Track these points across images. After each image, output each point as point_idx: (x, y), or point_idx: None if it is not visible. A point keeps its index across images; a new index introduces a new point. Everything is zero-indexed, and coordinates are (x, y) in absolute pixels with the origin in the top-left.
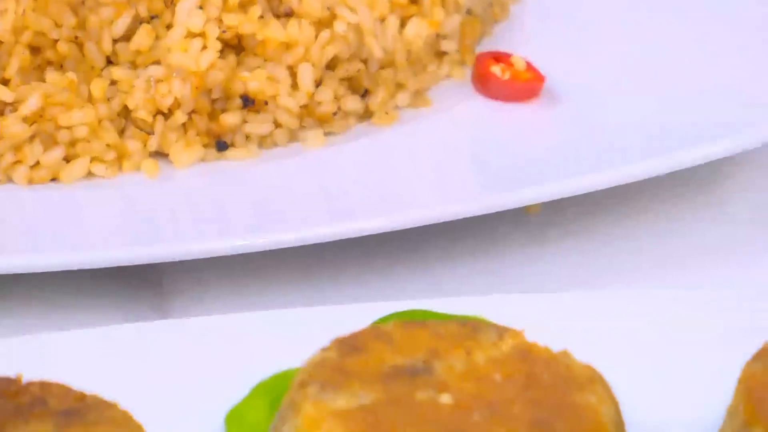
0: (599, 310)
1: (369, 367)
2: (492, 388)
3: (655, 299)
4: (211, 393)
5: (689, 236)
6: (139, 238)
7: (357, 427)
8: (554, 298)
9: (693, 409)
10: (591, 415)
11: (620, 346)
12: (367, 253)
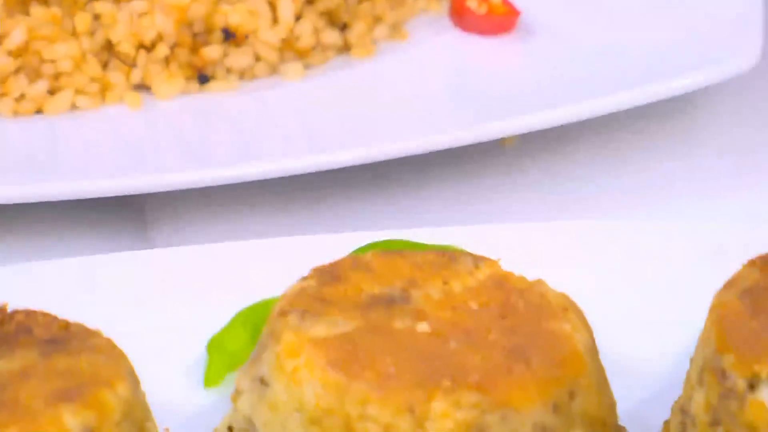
0: (573, 239)
1: (347, 296)
2: (468, 317)
3: (628, 229)
4: (193, 321)
5: (661, 167)
6: (122, 169)
7: (336, 355)
8: (529, 228)
9: (665, 338)
10: (565, 343)
11: (594, 276)
12: (345, 184)
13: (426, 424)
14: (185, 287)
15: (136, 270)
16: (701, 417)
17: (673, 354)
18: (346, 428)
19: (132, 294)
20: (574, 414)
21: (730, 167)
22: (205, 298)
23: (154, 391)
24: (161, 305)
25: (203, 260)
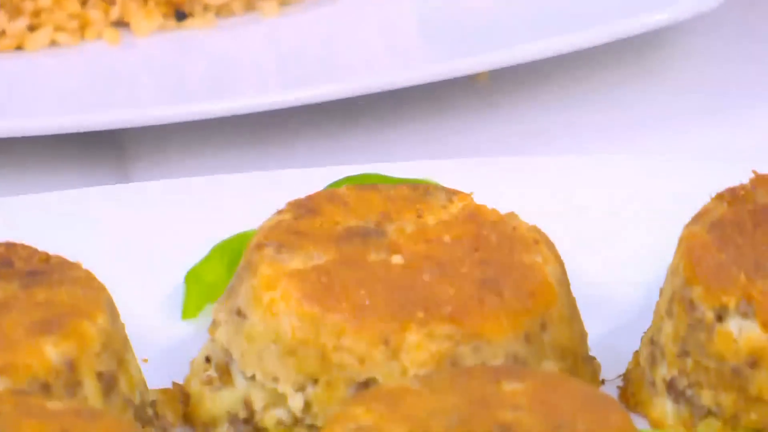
0: (545, 173)
1: (323, 229)
2: (441, 249)
3: (599, 164)
4: (171, 254)
5: (632, 103)
6: (101, 105)
7: (311, 287)
8: (501, 162)
9: (635, 270)
10: (537, 275)
11: (565, 209)
12: (321, 119)
13: (400, 355)
14: (163, 221)
15: (115, 204)
16: (670, 347)
17: (643, 286)
18: (322, 359)
19: (111, 227)
20: (546, 344)
21: (700, 103)
22: (183, 231)
23: (133, 323)
24: (140, 238)
25: (181, 194)
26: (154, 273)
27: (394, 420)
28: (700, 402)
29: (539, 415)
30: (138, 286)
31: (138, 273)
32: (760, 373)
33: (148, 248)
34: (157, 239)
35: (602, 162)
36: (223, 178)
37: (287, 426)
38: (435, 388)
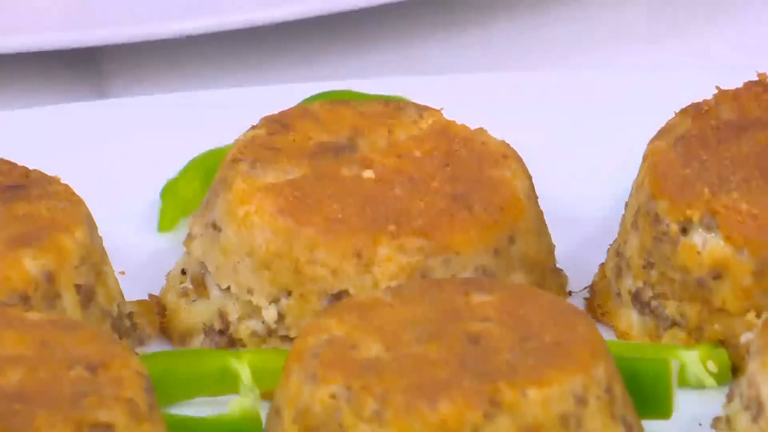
0: (513, 89)
1: (296, 144)
2: (412, 164)
3: (565, 79)
4: (148, 169)
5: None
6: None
7: (285, 201)
8: (471, 78)
9: (601, 184)
10: (506, 189)
11: (533, 124)
12: (295, 36)
13: (372, 268)
14: (140, 136)
15: (93, 119)
16: (635, 260)
17: (609, 200)
18: (295, 272)
19: (89, 143)
20: (514, 257)
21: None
22: (159, 146)
23: (111, 236)
24: (117, 153)
25: (157, 110)
26: (131, 187)
27: (366, 331)
28: (664, 313)
29: (508, 326)
30: (115, 200)
31: (115, 187)
32: (724, 285)
33: (126, 163)
34: (134, 154)
35: (568, 76)
36: (198, 94)
37: (261, 337)
38: (406, 300)
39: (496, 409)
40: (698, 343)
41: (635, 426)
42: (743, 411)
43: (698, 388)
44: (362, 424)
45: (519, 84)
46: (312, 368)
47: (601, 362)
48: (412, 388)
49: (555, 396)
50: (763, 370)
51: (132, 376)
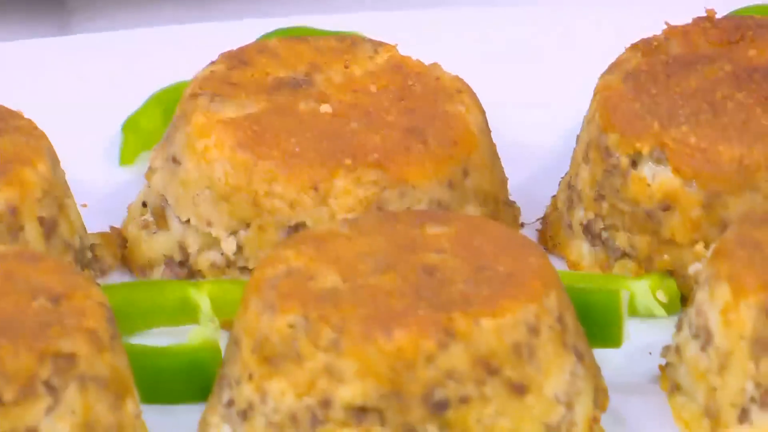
0: (466, 25)
1: (254, 79)
2: (368, 99)
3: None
4: (109, 104)
5: None
6: None
7: (243, 135)
8: (425, 14)
9: (553, 118)
10: (459, 123)
11: (486, 59)
12: None
13: (329, 201)
14: (102, 71)
15: (56, 55)
16: (587, 192)
17: (561, 133)
18: (254, 204)
19: (51, 78)
20: (468, 190)
21: None
22: (121, 81)
23: (73, 170)
24: (79, 88)
25: (119, 46)
26: (93, 122)
27: (323, 262)
28: (615, 244)
29: (462, 257)
30: (77, 134)
31: (77, 122)
32: (673, 217)
33: (88, 98)
34: (96, 89)
35: (522, 12)
36: (159, 30)
37: (220, 268)
38: (362, 232)
39: (450, 339)
40: (648, 274)
41: (586, 355)
42: (692, 340)
43: (648, 317)
44: (319, 353)
45: (472, 20)
46: (270, 299)
47: (553, 292)
48: (368, 318)
49: (508, 325)
50: (711, 300)
51: (94, 306)
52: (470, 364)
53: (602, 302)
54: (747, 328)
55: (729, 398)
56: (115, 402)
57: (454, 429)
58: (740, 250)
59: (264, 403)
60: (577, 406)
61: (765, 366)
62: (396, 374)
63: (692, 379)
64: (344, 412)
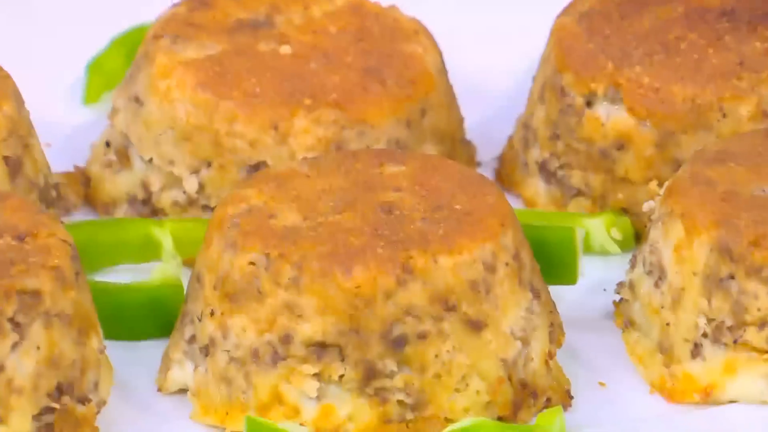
0: None
1: (216, 21)
2: (327, 40)
3: None
4: (74, 44)
5: None
6: None
7: (205, 75)
8: None
9: (510, 59)
10: (417, 63)
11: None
12: None
13: (289, 140)
14: (66, 13)
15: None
16: (542, 131)
17: (517, 74)
18: (215, 144)
19: (16, 18)
20: (425, 129)
21: None
22: (85, 23)
23: (38, 110)
24: (44, 29)
25: None
26: (58, 62)
27: (283, 200)
28: (570, 182)
29: (420, 196)
30: (42, 74)
31: (42, 62)
32: (626, 155)
33: (52, 39)
34: (60, 30)
35: None
36: None
37: (182, 206)
38: (322, 171)
39: (408, 276)
40: (602, 212)
41: (542, 291)
42: (646, 276)
43: (602, 254)
44: (280, 290)
45: None
46: (232, 237)
47: (510, 230)
48: (327, 256)
49: (465, 263)
50: (664, 238)
51: (58, 244)
52: (428, 301)
53: (557, 239)
54: (699, 265)
55: (682, 333)
56: (79, 338)
57: (412, 364)
58: (693, 188)
59: (226, 339)
60: (533, 342)
61: (717, 302)
62: (355, 311)
63: (646, 315)
64: (304, 348)
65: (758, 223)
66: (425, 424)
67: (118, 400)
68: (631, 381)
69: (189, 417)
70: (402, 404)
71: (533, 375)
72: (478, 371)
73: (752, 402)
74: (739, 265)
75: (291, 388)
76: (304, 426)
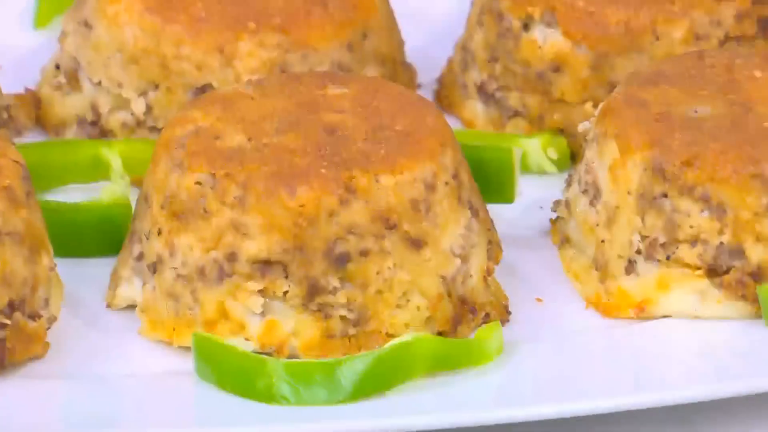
0: None
1: None
2: None
3: None
4: None
5: None
6: None
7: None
8: None
9: None
10: None
11: None
12: None
13: (234, 63)
14: None
15: None
16: (480, 54)
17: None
18: (162, 66)
19: None
20: (367, 52)
21: None
22: None
23: None
24: None
25: None
26: None
27: (229, 122)
28: (507, 104)
29: (362, 117)
30: None
31: None
32: (562, 78)
33: None
34: None
35: None
36: None
37: (131, 128)
38: (266, 93)
39: (350, 195)
40: (539, 132)
41: (481, 210)
42: (581, 195)
43: (539, 173)
44: (225, 209)
45: None
46: (178, 157)
47: (449, 150)
48: (272, 176)
49: (406, 182)
50: (599, 157)
51: (10, 165)
52: (370, 220)
53: (496, 159)
54: (633, 184)
55: (616, 250)
56: (31, 256)
57: (354, 281)
58: (627, 110)
59: (173, 257)
60: (471, 259)
61: (650, 220)
62: (299, 229)
63: (581, 233)
64: (249, 265)
65: (690, 144)
66: (367, 339)
67: (68, 316)
68: (567, 297)
69: (137, 332)
70: (344, 320)
71: (472, 291)
72: (418, 288)
73: (685, 316)
74: (672, 184)
75: (236, 304)
76: (249, 341)
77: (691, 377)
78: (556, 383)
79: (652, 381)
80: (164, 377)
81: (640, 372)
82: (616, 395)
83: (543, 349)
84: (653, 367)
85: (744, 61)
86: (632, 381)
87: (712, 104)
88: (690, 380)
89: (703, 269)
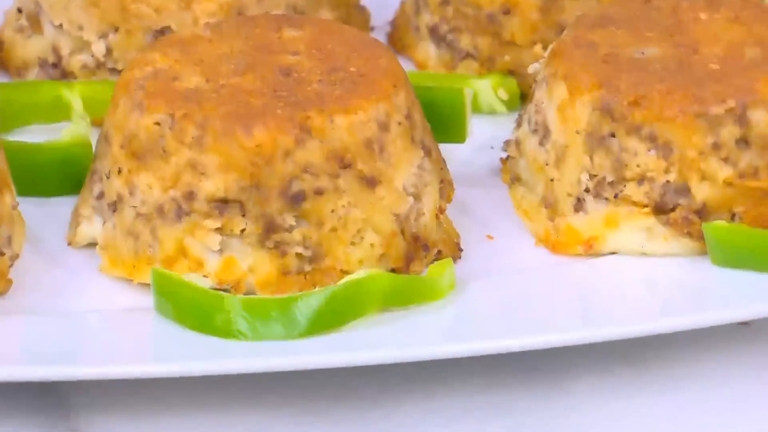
0: None
1: None
2: None
3: None
4: None
5: None
6: None
7: None
8: None
9: None
10: None
11: None
12: None
13: (192, 6)
14: None
15: None
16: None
17: None
18: (122, 9)
19: None
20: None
21: None
22: None
23: None
24: None
25: None
26: None
27: (187, 63)
28: (459, 45)
29: (316, 59)
30: None
31: None
32: (513, 20)
33: None
34: None
35: None
36: None
37: (91, 69)
38: (223, 36)
39: (306, 135)
40: (490, 73)
41: (433, 149)
42: (531, 134)
43: (490, 114)
44: (184, 148)
45: None
46: (138, 98)
47: (402, 91)
48: (229, 116)
49: (360, 122)
50: (549, 98)
51: None
52: (325, 159)
53: (447, 100)
54: (582, 124)
55: (565, 189)
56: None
57: (310, 219)
58: (576, 51)
59: (132, 195)
60: (424, 197)
61: (598, 159)
62: (256, 168)
63: (531, 172)
64: (207, 204)
65: (638, 84)
66: (322, 276)
67: (31, 254)
68: (518, 234)
69: (98, 270)
70: (300, 257)
71: (425, 229)
72: (372, 225)
73: (631, 253)
74: (619, 124)
75: (195, 241)
76: (207, 278)
77: (638, 313)
78: (506, 319)
79: (600, 316)
80: (124, 313)
81: (588, 308)
82: (565, 330)
83: (493, 285)
84: (601, 303)
85: (689, 3)
86: (580, 316)
87: (659, 46)
88: (637, 316)
89: (650, 207)
